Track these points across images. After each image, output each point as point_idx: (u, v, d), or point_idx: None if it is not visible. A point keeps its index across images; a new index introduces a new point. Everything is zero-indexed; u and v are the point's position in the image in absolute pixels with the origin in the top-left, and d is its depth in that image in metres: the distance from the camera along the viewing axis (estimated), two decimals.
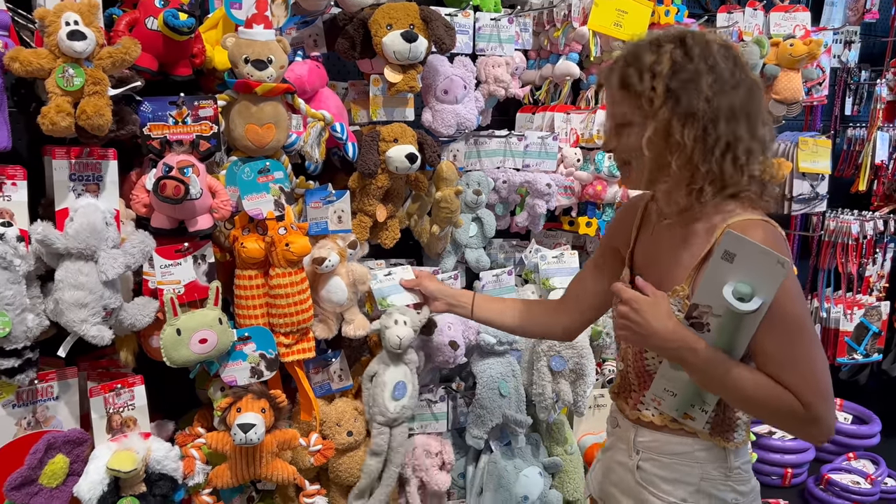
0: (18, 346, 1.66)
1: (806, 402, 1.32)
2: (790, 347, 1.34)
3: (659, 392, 1.50)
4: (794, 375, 1.34)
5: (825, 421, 1.35)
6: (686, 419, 1.48)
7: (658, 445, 1.53)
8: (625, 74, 1.40)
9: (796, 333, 1.34)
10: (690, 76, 1.35)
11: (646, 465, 1.55)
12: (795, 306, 1.34)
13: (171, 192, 1.73)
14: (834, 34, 3.44)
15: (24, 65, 1.60)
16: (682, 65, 1.35)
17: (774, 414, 1.38)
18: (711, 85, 1.34)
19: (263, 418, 1.93)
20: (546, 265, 2.57)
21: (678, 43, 1.37)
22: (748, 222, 1.37)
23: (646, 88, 1.37)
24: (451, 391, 2.56)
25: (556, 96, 2.82)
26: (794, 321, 1.34)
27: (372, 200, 2.25)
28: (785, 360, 1.34)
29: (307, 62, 2.11)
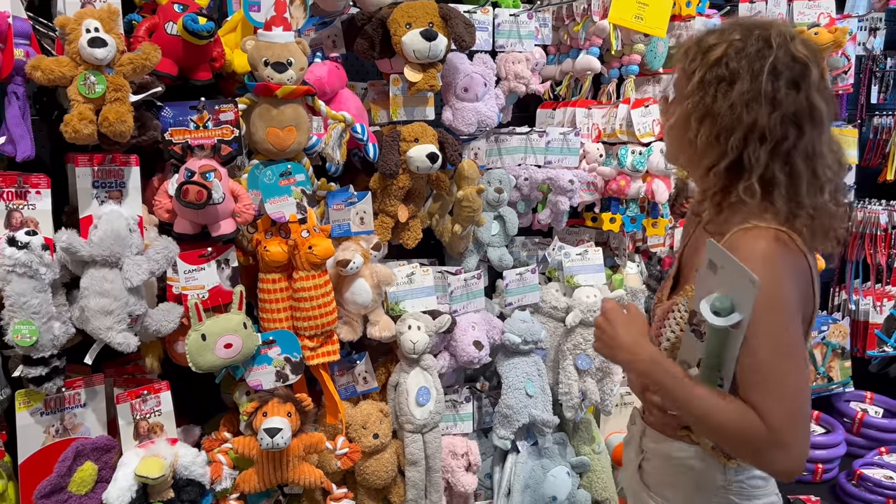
0: (45, 355, 1.66)
1: (770, 425, 1.23)
2: (764, 363, 1.25)
3: None
4: (762, 395, 1.25)
5: (792, 449, 1.24)
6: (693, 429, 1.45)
7: (659, 449, 1.52)
8: (689, 43, 1.38)
9: (772, 350, 1.25)
10: (727, 75, 1.30)
11: (647, 466, 1.55)
12: (775, 321, 1.25)
13: (193, 198, 1.72)
14: (859, 21, 3.37)
15: (46, 73, 1.60)
16: (727, 60, 1.30)
17: (733, 437, 1.28)
18: (743, 94, 1.28)
19: (289, 422, 1.93)
20: (570, 262, 2.54)
21: (744, 35, 1.31)
22: (754, 231, 1.29)
23: (689, 67, 1.35)
24: (476, 391, 2.55)
25: (577, 91, 2.79)
26: (771, 337, 1.25)
27: (393, 201, 2.23)
28: (755, 376, 1.26)
29: (326, 63, 2.09)
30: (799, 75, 1.29)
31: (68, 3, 1.69)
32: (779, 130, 1.28)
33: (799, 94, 1.28)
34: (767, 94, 1.27)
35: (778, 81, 1.28)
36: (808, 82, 1.29)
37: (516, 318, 2.44)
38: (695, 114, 1.33)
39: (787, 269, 1.27)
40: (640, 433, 1.58)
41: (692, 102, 1.33)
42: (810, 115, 1.29)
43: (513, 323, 2.43)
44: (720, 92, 1.30)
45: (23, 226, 1.67)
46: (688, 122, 1.35)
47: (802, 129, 1.29)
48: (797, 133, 1.29)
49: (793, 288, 1.28)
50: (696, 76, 1.33)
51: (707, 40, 1.35)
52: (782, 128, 1.28)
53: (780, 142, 1.29)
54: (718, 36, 1.34)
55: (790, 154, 1.29)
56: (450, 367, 2.35)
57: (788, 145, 1.29)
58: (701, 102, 1.32)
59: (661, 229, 2.79)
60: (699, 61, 1.33)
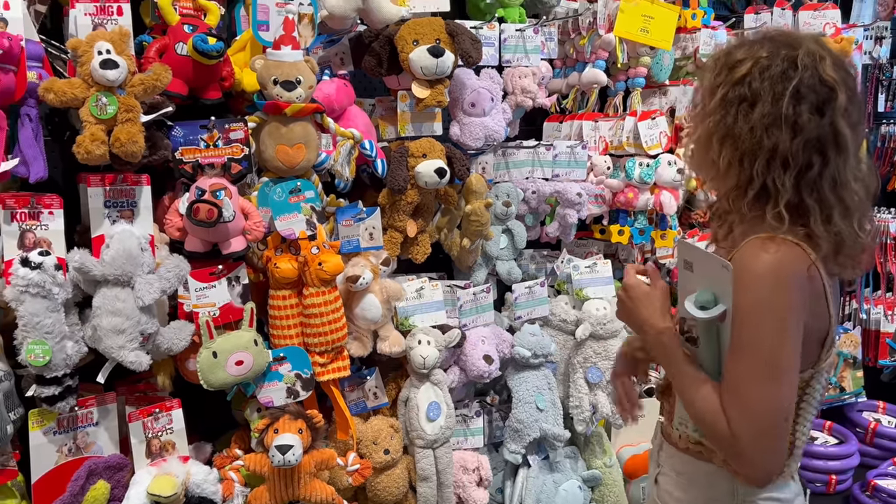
0: (59, 374, 1.67)
1: (734, 433, 1.23)
2: (743, 372, 1.24)
3: (682, 415, 1.46)
4: (734, 402, 1.24)
5: (754, 462, 1.24)
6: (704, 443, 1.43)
7: (674, 463, 1.51)
8: (716, 56, 1.35)
9: (755, 361, 1.23)
10: (748, 95, 1.27)
11: (662, 480, 1.54)
12: (764, 333, 1.22)
13: (204, 216, 1.73)
14: (864, 30, 3.38)
15: (59, 95, 1.61)
16: (751, 79, 1.26)
17: (708, 431, 1.30)
18: (763, 116, 1.25)
19: (301, 439, 1.93)
20: (579, 275, 2.54)
21: (772, 52, 1.27)
22: (767, 240, 1.26)
23: (713, 83, 1.32)
24: (487, 405, 2.54)
25: (584, 104, 2.80)
26: (757, 348, 1.23)
27: (402, 216, 2.24)
28: (732, 383, 1.25)
29: (335, 81, 2.11)
30: (825, 100, 1.24)
31: (80, 26, 1.71)
32: (802, 157, 1.24)
33: (823, 119, 1.24)
34: (788, 118, 1.23)
35: (800, 105, 1.23)
36: (833, 107, 1.24)
37: (526, 331, 2.44)
38: (716, 134, 1.31)
39: (795, 283, 1.23)
40: (659, 446, 1.57)
41: (713, 121, 1.31)
42: (835, 141, 1.24)
43: (522, 336, 2.43)
44: (741, 113, 1.27)
45: (36, 246, 1.68)
46: (710, 142, 1.33)
47: (827, 156, 1.24)
48: (822, 160, 1.24)
49: (798, 302, 1.23)
50: (718, 93, 1.30)
51: (735, 55, 1.31)
52: (805, 154, 1.24)
53: (805, 168, 1.24)
54: (747, 50, 1.30)
55: (816, 182, 1.25)
56: (460, 381, 2.35)
57: (814, 173, 1.25)
58: (722, 122, 1.29)
59: (670, 241, 2.79)
60: (724, 77, 1.30)
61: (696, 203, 2.94)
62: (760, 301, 1.21)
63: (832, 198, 1.25)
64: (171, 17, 1.81)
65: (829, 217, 1.26)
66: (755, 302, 1.21)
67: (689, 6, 2.85)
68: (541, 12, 2.60)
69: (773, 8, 3.06)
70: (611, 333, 2.50)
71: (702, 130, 1.35)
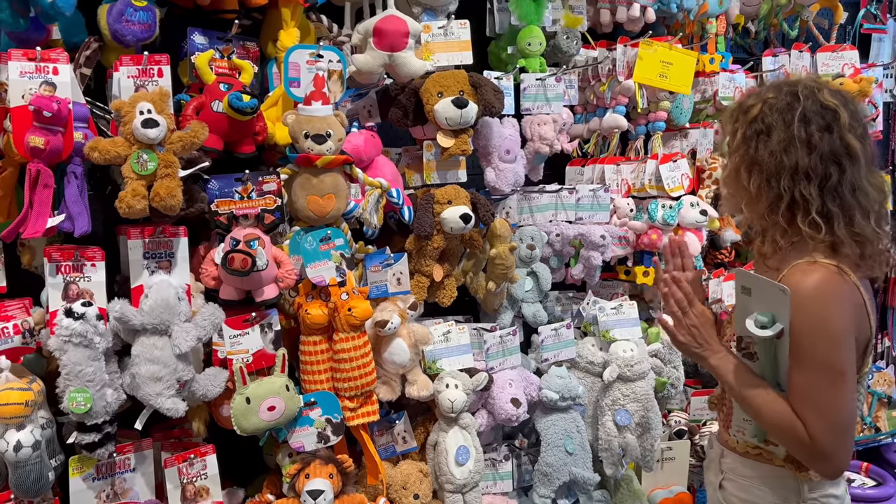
0: (98, 421, 1.72)
1: (812, 435, 1.42)
2: (808, 380, 1.43)
3: (740, 423, 1.61)
4: (807, 408, 1.43)
5: (832, 457, 1.44)
6: (768, 445, 1.58)
7: (738, 468, 1.66)
8: (734, 106, 1.62)
9: (817, 370, 1.42)
10: (764, 128, 1.50)
11: (727, 485, 1.68)
12: (819, 345, 1.42)
13: (238, 265, 1.79)
14: (884, 69, 3.40)
15: (103, 154, 1.70)
16: (763, 116, 1.51)
17: (782, 439, 1.50)
18: (780, 141, 1.47)
19: (331, 484, 1.95)
20: (605, 317, 2.55)
21: (777, 93, 1.52)
22: (810, 265, 1.46)
23: (733, 128, 1.57)
24: (515, 449, 2.54)
25: (605, 148, 2.85)
26: (816, 358, 1.42)
27: (429, 261, 2.28)
28: (801, 392, 1.44)
29: (363, 132, 2.18)
30: (830, 119, 1.47)
31: (123, 87, 1.81)
32: (820, 169, 1.45)
33: (832, 135, 1.46)
34: (801, 138, 1.46)
35: (810, 127, 1.46)
36: (839, 124, 1.46)
37: (553, 374, 2.44)
38: (743, 165, 1.54)
39: (839, 299, 1.43)
40: (719, 455, 1.72)
41: (738, 155, 1.55)
42: (847, 153, 1.46)
43: (550, 379, 2.43)
44: (761, 143, 1.51)
45: (79, 297, 1.75)
46: (738, 173, 1.56)
47: (843, 167, 1.46)
48: (839, 170, 1.46)
49: (844, 315, 1.44)
50: (739, 133, 1.55)
51: (747, 102, 1.57)
52: (823, 166, 1.45)
53: (825, 179, 1.46)
54: (756, 97, 1.56)
55: (837, 190, 1.46)
56: (488, 424, 2.36)
57: (833, 182, 1.46)
58: (746, 154, 1.53)
59: None
60: (741, 120, 1.55)
61: (721, 243, 2.94)
62: (815, 318, 1.41)
63: (852, 202, 1.47)
64: (208, 76, 1.90)
65: (851, 219, 1.46)
66: (811, 319, 1.41)
67: (707, 51, 2.91)
68: (561, 61, 2.67)
69: (791, 50, 3.10)
70: (638, 375, 2.49)
71: (730, 166, 1.60)
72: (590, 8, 2.76)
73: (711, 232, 2.83)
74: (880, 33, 3.51)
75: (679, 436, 2.75)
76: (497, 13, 2.58)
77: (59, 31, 1.86)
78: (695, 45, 2.83)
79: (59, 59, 1.72)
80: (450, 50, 2.31)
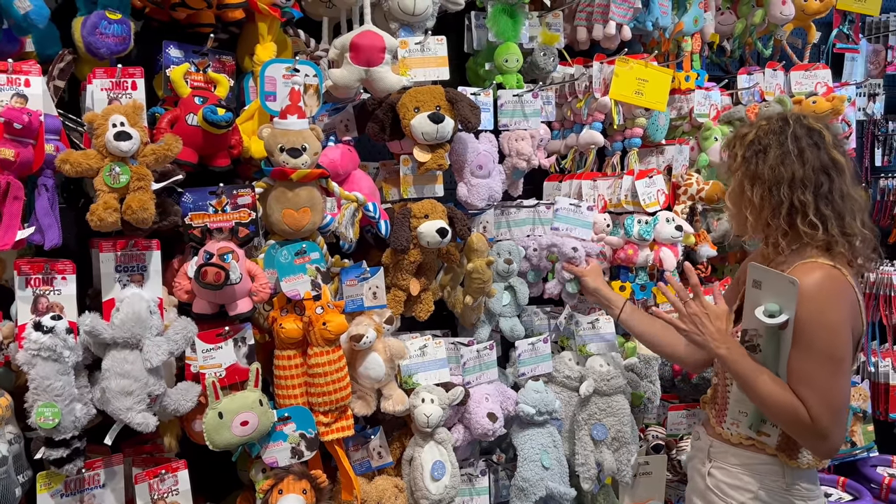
0: (67, 436, 1.69)
1: (814, 416, 1.63)
2: (810, 366, 1.64)
3: (735, 415, 1.83)
4: (809, 391, 1.64)
5: (830, 437, 1.65)
6: (760, 436, 1.79)
7: (727, 455, 1.86)
8: (731, 137, 1.91)
9: (818, 358, 1.64)
10: (761, 148, 1.77)
11: (715, 472, 1.87)
12: (821, 333, 1.63)
13: (212, 279, 1.78)
14: (857, 88, 3.46)
15: (75, 166, 1.69)
16: (759, 139, 1.79)
17: (785, 420, 1.68)
18: (777, 157, 1.74)
19: (305, 499, 1.94)
20: (582, 332, 2.57)
21: (768, 121, 1.81)
22: (812, 264, 1.69)
23: (733, 153, 1.84)
24: (493, 464, 2.53)
25: (582, 164, 2.87)
26: (819, 345, 1.63)
27: (405, 275, 2.28)
28: (803, 376, 1.65)
29: (339, 146, 2.19)
30: (817, 138, 1.75)
31: (96, 100, 1.80)
32: (813, 178, 1.72)
33: (820, 151, 1.74)
34: (795, 153, 1.73)
35: (800, 143, 1.74)
36: (825, 142, 1.75)
37: (530, 388, 2.45)
38: (746, 180, 1.80)
39: (837, 294, 1.66)
40: (709, 445, 1.92)
41: (741, 173, 1.81)
42: (834, 166, 1.74)
43: (526, 393, 2.43)
44: (760, 160, 1.77)
45: (48, 311, 1.72)
46: (742, 188, 1.81)
47: (831, 177, 1.73)
48: (828, 179, 1.72)
49: (842, 309, 1.66)
50: (738, 155, 1.82)
51: (742, 130, 1.87)
52: (815, 176, 1.72)
53: (817, 187, 1.72)
54: (749, 126, 1.86)
55: (829, 196, 1.72)
56: (464, 439, 2.35)
57: (825, 189, 1.72)
58: (747, 171, 1.79)
59: None
60: (738, 145, 1.83)
61: (697, 258, 2.97)
62: (817, 310, 1.63)
63: (843, 206, 1.73)
64: (183, 89, 1.90)
65: (842, 221, 1.72)
66: (813, 312, 1.63)
67: (683, 69, 2.95)
68: (538, 77, 2.69)
69: (765, 69, 3.16)
70: (615, 389, 2.50)
71: (733, 184, 1.84)
72: (566, 25, 2.80)
73: (687, 247, 2.85)
74: (853, 52, 3.57)
75: (656, 450, 2.76)
76: (475, 30, 2.60)
77: (33, 43, 1.86)
78: (670, 63, 2.87)
79: (31, 70, 1.71)
80: (427, 66, 2.33)
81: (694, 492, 1.97)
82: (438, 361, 2.32)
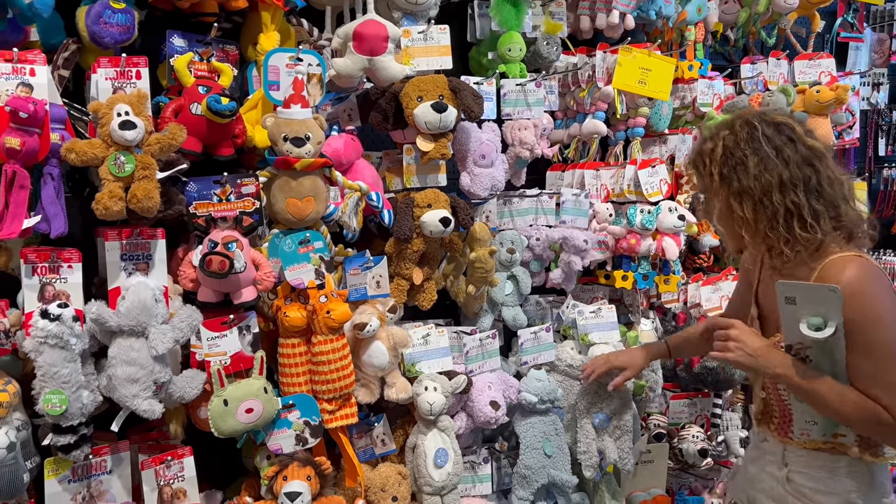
0: (74, 423, 1.72)
1: (895, 414, 1.53)
2: (875, 366, 1.54)
3: (803, 426, 1.70)
4: (881, 390, 1.54)
5: None
6: (837, 439, 1.67)
7: (807, 461, 1.72)
8: (694, 157, 1.74)
9: (880, 354, 1.53)
10: (738, 161, 1.63)
11: (796, 477, 1.73)
12: (875, 331, 1.53)
13: (216, 268, 1.79)
14: (861, 77, 3.45)
15: (80, 155, 1.70)
16: (731, 151, 1.64)
17: (866, 427, 1.59)
18: (757, 164, 1.61)
19: (309, 486, 1.95)
20: (584, 321, 2.57)
21: (730, 129, 1.66)
22: (840, 260, 1.59)
23: (706, 173, 1.69)
24: (495, 452, 2.55)
25: (585, 154, 2.87)
26: (877, 343, 1.53)
27: (408, 264, 2.29)
28: (870, 377, 1.55)
29: (343, 136, 2.19)
30: (788, 132, 1.64)
31: (101, 89, 1.81)
32: (800, 174, 1.60)
33: (796, 144, 1.63)
34: (773, 154, 1.61)
35: (775, 142, 1.62)
36: (797, 134, 1.64)
37: (532, 377, 2.46)
38: (732, 197, 1.65)
39: (877, 284, 1.56)
40: (782, 448, 1.77)
41: (723, 192, 1.67)
42: (814, 154, 1.63)
43: (529, 382, 2.45)
44: (739, 173, 1.63)
45: (55, 299, 1.74)
46: (730, 207, 1.67)
47: (815, 166, 1.61)
48: (813, 170, 1.61)
49: (886, 297, 1.56)
50: (714, 175, 1.66)
51: (705, 147, 1.70)
52: (801, 171, 1.60)
53: (807, 182, 1.60)
54: (711, 140, 1.70)
55: (819, 188, 1.61)
56: (467, 427, 2.37)
57: (814, 182, 1.61)
58: (730, 188, 1.65)
59: (674, 286, 2.82)
60: (709, 163, 1.68)
61: (699, 247, 2.98)
62: (865, 307, 1.53)
63: (833, 192, 1.62)
64: (187, 79, 1.90)
65: (836, 209, 1.61)
66: (861, 310, 1.52)
67: (686, 58, 2.94)
68: (541, 67, 2.69)
69: (769, 58, 3.15)
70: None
71: (719, 206, 1.70)
72: (570, 14, 2.79)
73: (690, 237, 2.86)
74: (857, 42, 3.56)
75: (658, 439, 2.77)
76: (478, 19, 2.60)
77: (38, 32, 1.86)
78: (674, 52, 2.87)
79: (36, 60, 1.72)
80: (430, 55, 2.33)
81: (765, 493, 1.81)
82: (441, 350, 2.33)
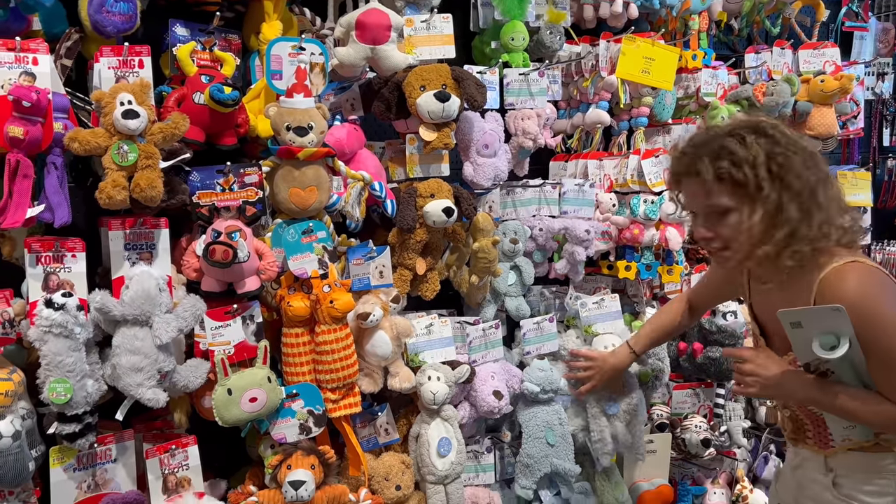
0: (79, 412, 1.72)
1: None
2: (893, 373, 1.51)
3: (842, 433, 1.66)
4: None
5: None
6: (880, 436, 1.63)
7: (852, 463, 1.68)
8: (719, 167, 1.51)
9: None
10: (784, 160, 1.49)
11: (843, 482, 1.69)
12: (888, 338, 1.47)
13: (220, 257, 1.80)
14: (866, 67, 3.44)
15: (83, 144, 1.70)
16: (775, 151, 1.49)
17: (887, 426, 1.57)
18: (803, 163, 1.50)
19: (313, 475, 1.96)
20: (587, 312, 2.57)
21: (759, 132, 1.51)
22: (838, 272, 1.50)
23: (749, 177, 1.49)
24: (499, 441, 2.56)
25: (588, 144, 2.86)
26: (893, 350, 1.48)
27: (411, 254, 2.29)
28: (892, 384, 1.52)
29: (345, 125, 2.19)
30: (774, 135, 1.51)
31: (104, 79, 1.81)
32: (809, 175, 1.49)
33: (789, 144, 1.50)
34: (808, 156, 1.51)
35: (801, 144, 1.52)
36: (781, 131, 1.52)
37: (535, 366, 2.46)
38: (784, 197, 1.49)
39: (881, 290, 1.49)
40: (824, 455, 1.72)
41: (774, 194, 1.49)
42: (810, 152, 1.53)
43: (531, 372, 2.45)
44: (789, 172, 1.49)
45: (59, 288, 1.74)
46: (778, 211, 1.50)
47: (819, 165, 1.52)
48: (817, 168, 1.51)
49: (893, 301, 1.49)
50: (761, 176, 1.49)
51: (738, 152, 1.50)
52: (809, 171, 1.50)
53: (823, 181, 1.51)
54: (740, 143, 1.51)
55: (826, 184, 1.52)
56: (470, 417, 2.38)
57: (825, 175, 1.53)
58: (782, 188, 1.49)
59: (677, 276, 2.82)
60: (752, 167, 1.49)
61: None
62: (875, 317, 1.47)
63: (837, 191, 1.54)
64: (190, 68, 1.90)
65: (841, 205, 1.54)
66: (871, 320, 1.46)
67: (690, 47, 2.93)
68: (544, 56, 2.68)
69: (773, 47, 3.13)
70: None
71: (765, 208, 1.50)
72: (573, 3, 2.77)
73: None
74: (862, 31, 3.54)
75: (661, 429, 2.77)
76: (480, 8, 2.58)
77: (40, 21, 1.85)
78: (677, 42, 2.85)
79: (38, 49, 1.72)
80: (432, 44, 2.32)
81: (813, 500, 1.76)
82: (444, 340, 2.34)
